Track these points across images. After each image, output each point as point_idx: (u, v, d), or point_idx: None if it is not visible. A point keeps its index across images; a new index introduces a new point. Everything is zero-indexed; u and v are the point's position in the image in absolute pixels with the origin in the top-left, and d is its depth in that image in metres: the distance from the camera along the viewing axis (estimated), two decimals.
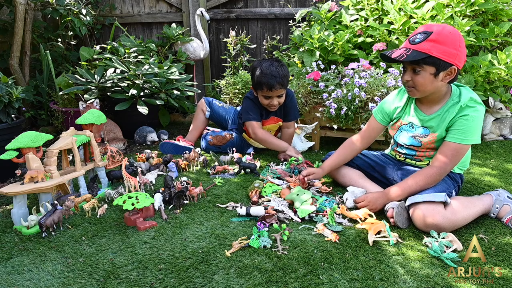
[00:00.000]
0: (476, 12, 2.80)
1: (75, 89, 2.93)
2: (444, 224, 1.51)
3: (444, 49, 1.50)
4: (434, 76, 1.56)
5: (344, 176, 2.02)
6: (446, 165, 1.62)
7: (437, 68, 1.54)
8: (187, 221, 1.69)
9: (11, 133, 2.20)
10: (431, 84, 1.59)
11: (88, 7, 3.71)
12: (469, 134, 1.59)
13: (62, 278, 1.32)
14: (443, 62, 1.52)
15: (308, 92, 2.68)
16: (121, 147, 2.89)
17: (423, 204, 1.55)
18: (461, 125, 1.60)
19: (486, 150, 2.65)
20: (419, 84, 1.60)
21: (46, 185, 1.71)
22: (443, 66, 1.53)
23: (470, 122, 1.59)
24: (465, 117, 1.59)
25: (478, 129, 1.61)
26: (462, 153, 1.63)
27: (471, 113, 1.59)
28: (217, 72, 4.26)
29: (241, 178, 2.22)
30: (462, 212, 1.57)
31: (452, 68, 1.54)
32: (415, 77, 1.59)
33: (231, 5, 4.02)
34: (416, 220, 1.56)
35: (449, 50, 1.51)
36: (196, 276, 1.31)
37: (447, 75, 1.57)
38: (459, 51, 1.52)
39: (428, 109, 1.72)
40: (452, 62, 1.52)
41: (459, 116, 1.60)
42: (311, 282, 1.27)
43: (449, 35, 1.51)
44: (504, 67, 2.61)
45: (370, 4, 3.06)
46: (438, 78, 1.57)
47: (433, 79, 1.57)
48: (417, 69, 1.57)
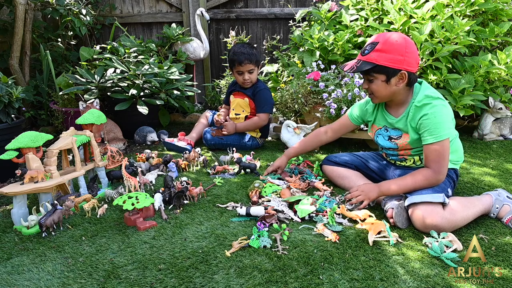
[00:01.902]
0: (476, 12, 2.80)
1: (75, 89, 2.93)
2: (443, 225, 1.51)
3: (390, 57, 1.58)
4: (386, 82, 1.65)
5: (343, 178, 2.02)
6: (436, 166, 1.61)
7: (387, 75, 1.63)
8: (187, 221, 1.69)
9: (11, 133, 2.20)
10: (385, 90, 1.67)
11: (88, 7, 3.72)
12: (438, 131, 1.59)
13: (62, 278, 1.32)
14: (391, 69, 1.60)
15: (308, 92, 2.68)
16: (121, 147, 2.89)
17: (422, 205, 1.55)
18: (425, 125, 1.62)
19: (486, 150, 2.65)
20: (374, 91, 1.70)
21: (46, 185, 1.71)
22: (392, 73, 1.61)
23: (432, 119, 1.60)
24: (425, 117, 1.61)
25: (444, 122, 1.61)
26: (444, 150, 1.61)
27: (429, 111, 1.61)
28: (217, 72, 4.26)
29: (241, 178, 2.22)
30: (462, 212, 1.57)
31: (402, 73, 1.61)
32: (370, 85, 1.70)
33: (231, 5, 4.02)
34: (415, 221, 1.56)
35: (395, 57, 1.58)
36: (196, 276, 1.31)
37: (400, 80, 1.64)
38: (406, 56, 1.58)
39: (396, 111, 1.78)
40: (399, 67, 1.59)
41: (419, 118, 1.64)
42: (311, 282, 1.27)
43: (394, 43, 1.58)
44: (504, 67, 2.61)
45: (370, 4, 3.06)
46: (391, 83, 1.65)
47: (386, 85, 1.66)
48: (370, 78, 1.68)
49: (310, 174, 2.19)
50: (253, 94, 2.77)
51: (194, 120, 3.69)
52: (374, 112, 1.89)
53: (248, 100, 2.79)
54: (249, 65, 2.67)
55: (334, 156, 2.12)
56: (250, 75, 2.72)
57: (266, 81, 3.51)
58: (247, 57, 2.65)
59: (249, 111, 2.81)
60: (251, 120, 2.76)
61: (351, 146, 2.81)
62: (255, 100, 2.77)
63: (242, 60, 2.66)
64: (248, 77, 2.71)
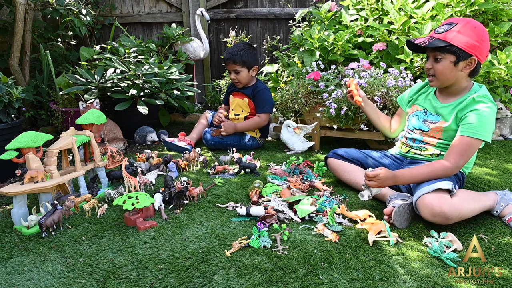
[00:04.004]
0: (476, 12, 2.80)
1: (75, 89, 2.93)
2: (451, 213, 1.49)
3: (466, 40, 1.57)
4: (454, 64, 1.62)
5: (349, 173, 2.01)
6: (457, 159, 1.61)
7: (457, 57, 1.60)
8: (187, 221, 1.69)
9: (11, 133, 2.20)
10: (450, 73, 1.65)
11: (88, 7, 3.71)
12: (480, 129, 1.60)
13: (62, 278, 1.32)
14: (463, 52, 1.59)
15: (308, 92, 2.68)
16: (121, 147, 2.89)
17: (430, 194, 1.54)
18: (471, 119, 1.62)
19: (486, 150, 2.65)
20: (438, 72, 1.67)
21: (46, 185, 1.71)
22: (463, 56, 1.60)
23: (481, 117, 1.61)
24: (476, 111, 1.62)
25: (489, 125, 1.62)
26: (473, 148, 1.63)
27: (482, 108, 1.61)
28: (217, 72, 4.26)
29: (241, 178, 2.22)
30: (469, 204, 1.57)
31: (472, 58, 1.60)
32: (435, 65, 1.67)
33: (231, 5, 4.02)
34: (422, 210, 1.54)
35: (471, 41, 1.57)
36: (196, 276, 1.31)
37: (467, 66, 1.63)
38: (481, 44, 1.59)
39: (445, 99, 1.78)
40: (472, 53, 1.59)
41: (470, 110, 1.63)
42: (311, 282, 1.27)
43: (473, 28, 1.59)
44: (504, 67, 2.61)
45: (370, 4, 3.06)
46: (458, 67, 1.63)
47: (452, 68, 1.64)
48: (438, 57, 1.65)
49: (310, 174, 2.19)
50: (253, 94, 2.77)
51: (194, 120, 3.69)
52: (422, 91, 1.90)
53: (247, 100, 2.79)
54: (232, 65, 2.66)
55: (341, 151, 2.10)
56: (236, 75, 2.70)
57: (266, 81, 3.51)
58: (231, 57, 2.65)
59: (249, 111, 2.81)
60: (252, 120, 2.76)
61: (351, 146, 2.81)
62: (255, 100, 2.77)
63: (225, 59, 2.69)
64: (235, 76, 2.71)
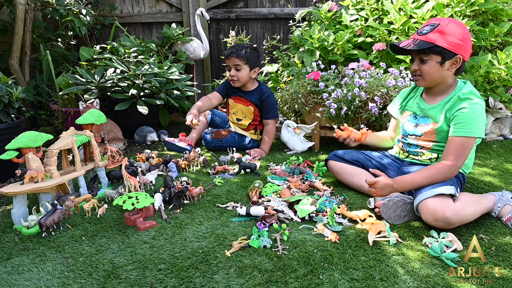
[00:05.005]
0: (476, 12, 2.80)
1: (75, 89, 2.93)
2: (453, 218, 1.49)
3: (450, 39, 1.60)
4: (440, 64, 1.66)
5: (352, 175, 2.00)
6: (455, 160, 1.62)
7: (442, 57, 1.63)
8: (187, 221, 1.69)
9: (11, 133, 2.20)
10: (437, 73, 1.68)
11: (88, 7, 3.71)
12: (470, 126, 1.61)
13: (62, 278, 1.32)
14: (448, 52, 1.62)
15: (308, 92, 2.68)
16: (121, 147, 2.89)
17: (433, 198, 1.54)
18: (460, 118, 1.63)
19: (486, 150, 2.65)
20: (425, 72, 1.69)
21: (46, 185, 1.71)
22: (449, 55, 1.63)
23: (469, 114, 1.62)
24: (463, 109, 1.63)
25: (479, 121, 1.62)
26: (468, 147, 1.63)
27: (469, 105, 1.63)
28: (217, 72, 4.26)
29: (241, 178, 2.22)
30: (471, 208, 1.57)
31: (457, 57, 1.64)
32: (422, 66, 1.69)
33: (231, 5, 4.02)
34: (424, 214, 1.54)
35: (455, 40, 1.60)
36: (196, 276, 1.31)
37: (453, 64, 1.66)
38: (465, 42, 1.62)
39: (432, 100, 1.80)
40: (457, 51, 1.62)
41: (457, 109, 1.65)
42: (311, 282, 1.27)
43: (455, 27, 1.61)
44: (504, 67, 2.61)
45: (370, 4, 3.06)
46: (444, 66, 1.66)
47: (439, 68, 1.66)
48: (424, 58, 1.67)
49: (310, 174, 2.19)
50: (260, 101, 2.71)
51: None
52: (410, 96, 1.93)
53: (252, 108, 2.73)
54: (235, 59, 2.59)
55: (342, 152, 2.08)
56: (236, 72, 2.62)
57: (266, 81, 3.51)
58: (235, 51, 2.60)
59: (252, 118, 2.76)
60: (270, 134, 2.71)
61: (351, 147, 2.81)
62: (263, 106, 2.71)
63: (228, 53, 2.62)
64: (234, 73, 2.63)
